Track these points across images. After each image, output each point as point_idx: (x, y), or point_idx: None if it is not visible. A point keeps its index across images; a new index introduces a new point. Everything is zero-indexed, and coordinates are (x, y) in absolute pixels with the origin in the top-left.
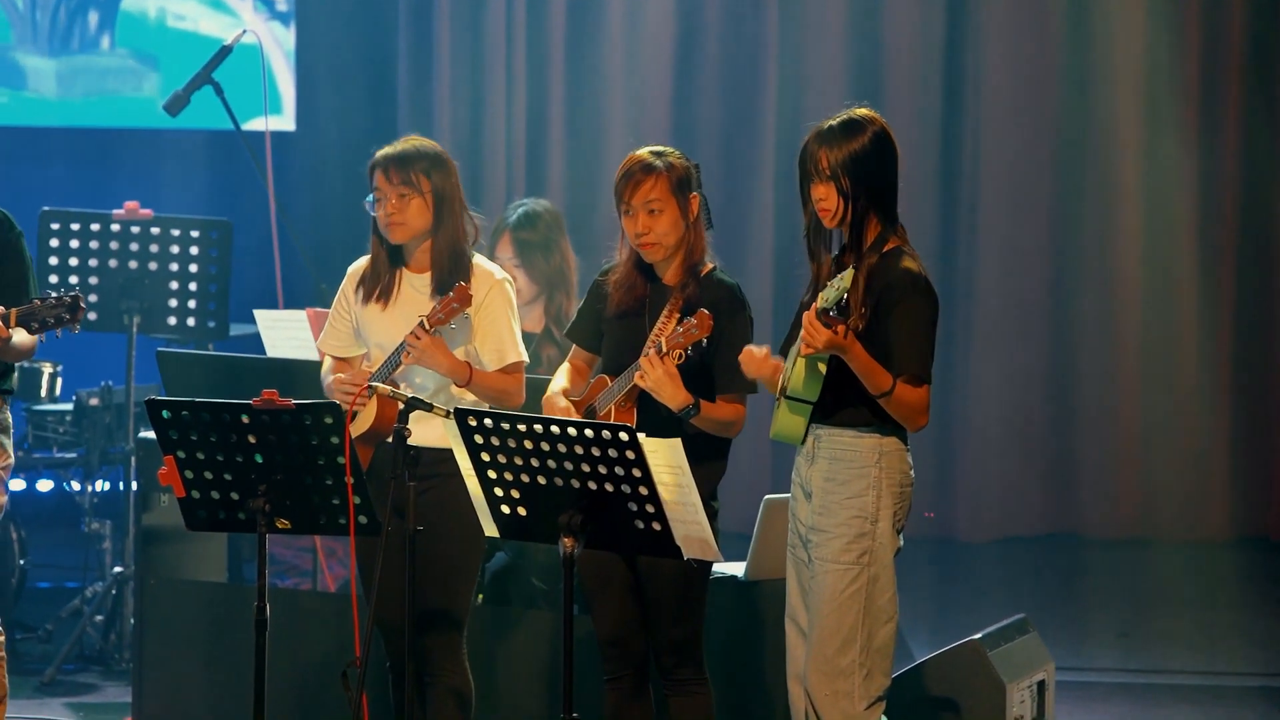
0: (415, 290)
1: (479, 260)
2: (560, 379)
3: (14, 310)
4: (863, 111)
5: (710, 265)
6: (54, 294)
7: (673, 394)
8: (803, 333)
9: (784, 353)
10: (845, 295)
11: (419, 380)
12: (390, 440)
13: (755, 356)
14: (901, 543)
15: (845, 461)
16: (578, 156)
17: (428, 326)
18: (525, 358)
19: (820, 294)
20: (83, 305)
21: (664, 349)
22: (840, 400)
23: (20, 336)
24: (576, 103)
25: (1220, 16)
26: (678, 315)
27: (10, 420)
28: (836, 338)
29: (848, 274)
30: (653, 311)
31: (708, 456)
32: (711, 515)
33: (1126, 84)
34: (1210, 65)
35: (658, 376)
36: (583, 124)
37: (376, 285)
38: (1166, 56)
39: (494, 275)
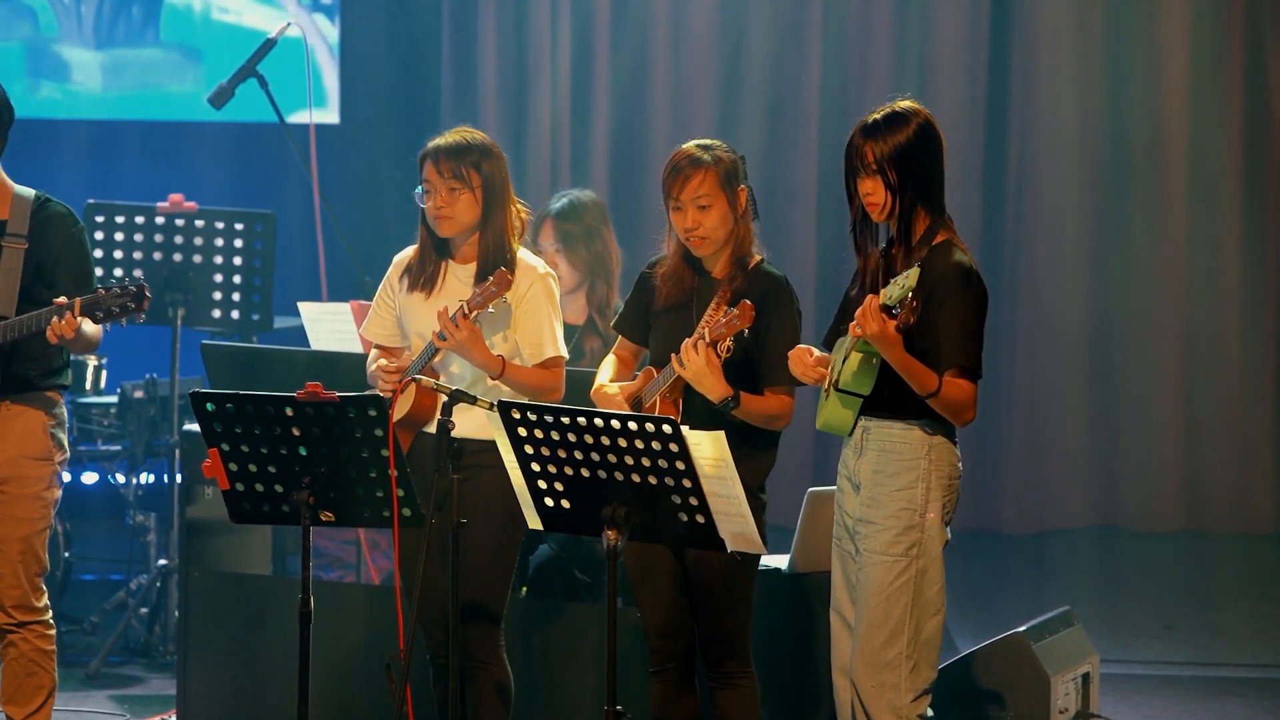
0: (459, 281)
1: (523, 254)
2: (606, 370)
3: (79, 299)
4: (907, 103)
5: (758, 257)
6: (117, 284)
7: (713, 385)
8: (858, 313)
9: (828, 345)
10: (910, 294)
11: (455, 370)
12: (427, 428)
13: (805, 360)
14: (949, 535)
15: (895, 454)
16: (622, 147)
17: (467, 312)
18: (564, 353)
19: (884, 289)
20: (147, 294)
21: (708, 339)
22: (891, 393)
23: (89, 326)
24: (620, 93)
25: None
26: (725, 307)
27: (65, 415)
28: (887, 331)
29: (913, 272)
30: (700, 304)
31: (757, 448)
32: (760, 507)
33: (1172, 72)
34: (1255, 41)
35: (698, 367)
36: (627, 115)
37: (421, 275)
38: (1210, 48)
39: (537, 269)
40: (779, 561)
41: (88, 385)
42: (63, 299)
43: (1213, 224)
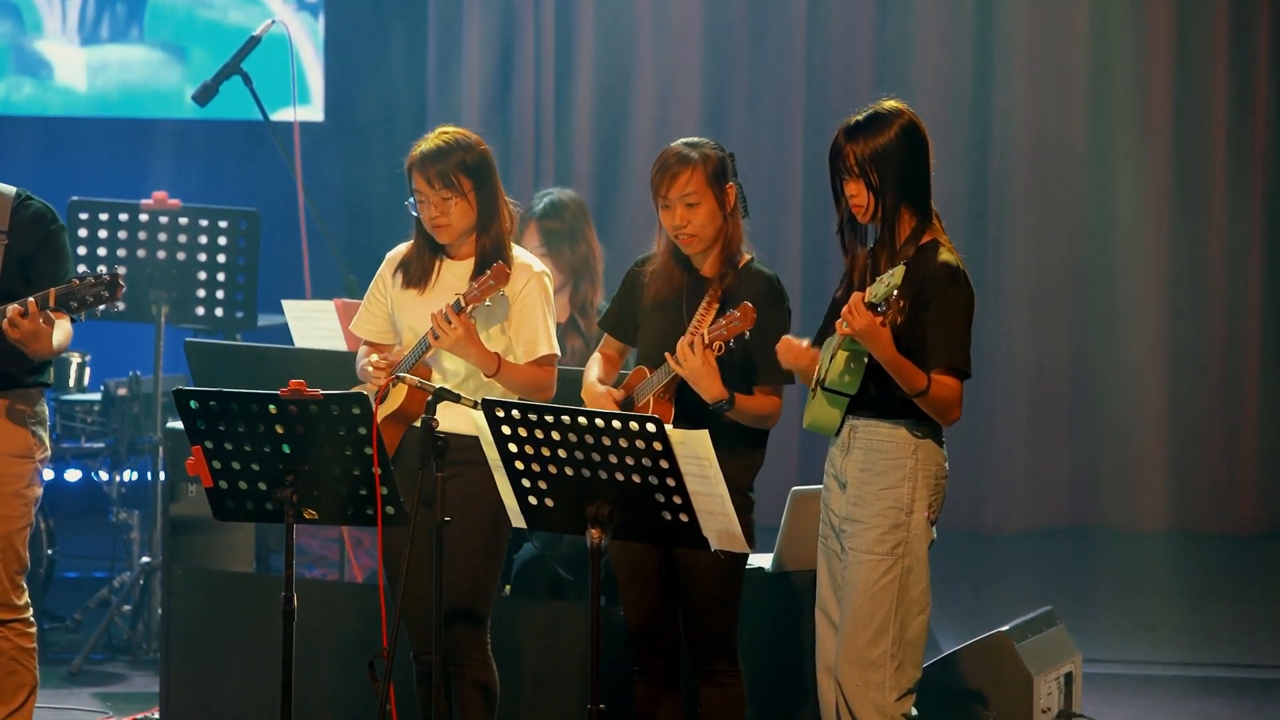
0: (454, 277)
1: (518, 251)
2: (593, 369)
3: (53, 290)
4: (890, 104)
5: (748, 256)
6: (92, 274)
7: (709, 386)
8: (844, 309)
9: (816, 346)
10: (895, 291)
11: (449, 365)
12: (418, 423)
13: (794, 346)
14: (935, 535)
15: (881, 453)
16: (605, 146)
17: (464, 305)
18: (558, 351)
19: (869, 288)
20: (122, 283)
21: (706, 340)
22: (878, 393)
23: (59, 334)
24: (604, 91)
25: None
26: (717, 306)
27: (46, 412)
28: (874, 326)
29: (899, 270)
30: (691, 302)
31: (747, 447)
32: (747, 506)
33: (1156, 73)
34: (1239, 45)
35: (695, 365)
36: (610, 113)
37: (416, 271)
38: (1195, 49)
39: (533, 267)
40: (763, 560)
41: (71, 382)
42: (31, 300)
43: (1197, 225)
